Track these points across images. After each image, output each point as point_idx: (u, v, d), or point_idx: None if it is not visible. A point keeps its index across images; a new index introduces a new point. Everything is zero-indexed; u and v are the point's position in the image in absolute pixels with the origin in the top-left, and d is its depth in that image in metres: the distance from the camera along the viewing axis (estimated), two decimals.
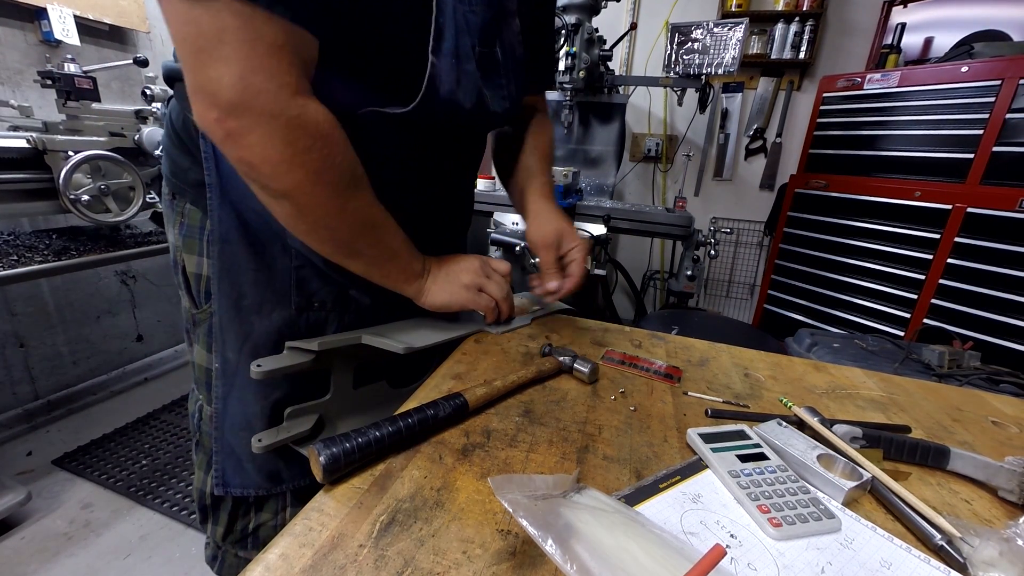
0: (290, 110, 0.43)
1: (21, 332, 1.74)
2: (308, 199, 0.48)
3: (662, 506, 0.38)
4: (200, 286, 0.63)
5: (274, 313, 0.61)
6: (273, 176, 0.45)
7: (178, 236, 0.64)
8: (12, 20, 1.63)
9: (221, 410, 0.63)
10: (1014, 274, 1.62)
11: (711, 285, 2.96)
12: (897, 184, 1.93)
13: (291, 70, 0.43)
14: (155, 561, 1.31)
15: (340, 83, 0.51)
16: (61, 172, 1.31)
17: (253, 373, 0.50)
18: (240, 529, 0.69)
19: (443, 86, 0.53)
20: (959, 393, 0.63)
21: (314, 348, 0.53)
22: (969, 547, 0.34)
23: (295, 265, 0.60)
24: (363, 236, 0.54)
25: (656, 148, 2.79)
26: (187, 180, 0.61)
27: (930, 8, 2.26)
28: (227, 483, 0.65)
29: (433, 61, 0.51)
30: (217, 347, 0.61)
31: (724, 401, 0.56)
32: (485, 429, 0.47)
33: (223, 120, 0.42)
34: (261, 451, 0.51)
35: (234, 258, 0.59)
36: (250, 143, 0.43)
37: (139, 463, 1.66)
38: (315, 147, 0.45)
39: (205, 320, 0.64)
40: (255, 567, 0.31)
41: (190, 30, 0.39)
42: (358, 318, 0.65)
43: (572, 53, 1.83)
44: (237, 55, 0.40)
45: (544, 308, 0.80)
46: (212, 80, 0.40)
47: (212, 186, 0.57)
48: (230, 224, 0.58)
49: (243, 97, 0.41)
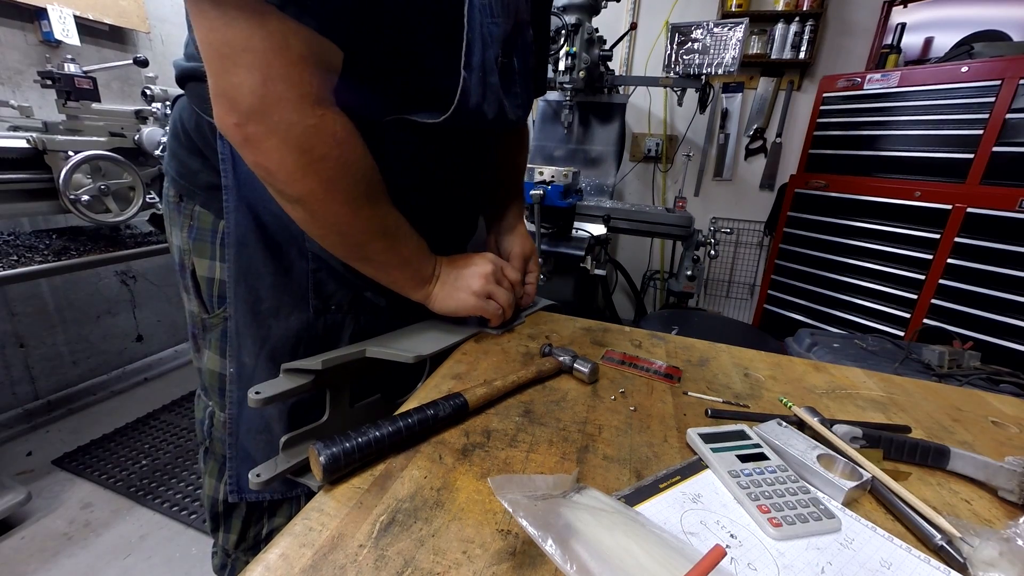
0: (308, 119, 0.44)
1: (21, 332, 1.74)
2: (321, 205, 0.49)
3: (662, 506, 0.38)
4: (213, 290, 0.62)
5: (292, 317, 0.60)
6: (288, 182, 0.46)
7: (187, 239, 0.63)
8: (12, 20, 1.63)
9: (236, 415, 0.62)
10: (1014, 274, 1.62)
11: (711, 285, 2.96)
12: (897, 184, 1.93)
13: (312, 80, 0.43)
14: (155, 561, 1.31)
15: (369, 90, 0.52)
16: (61, 172, 1.31)
17: (251, 402, 0.48)
18: (253, 536, 0.69)
19: (472, 98, 0.54)
20: (959, 393, 0.63)
21: (317, 367, 0.51)
22: (969, 547, 0.34)
23: (312, 268, 0.60)
24: (374, 243, 0.55)
25: (656, 148, 2.80)
26: (197, 183, 0.60)
27: (930, 8, 2.26)
28: (243, 489, 0.64)
29: (465, 76, 0.52)
30: (232, 352, 0.61)
31: (724, 401, 0.56)
32: (485, 429, 0.47)
33: (242, 125, 0.43)
34: (258, 487, 0.50)
35: (251, 262, 0.58)
36: (267, 149, 0.44)
37: (139, 463, 1.66)
38: (330, 156, 0.46)
39: (218, 325, 0.63)
40: (255, 567, 0.31)
41: (217, 36, 0.40)
42: (374, 319, 0.65)
43: (572, 53, 1.83)
44: (260, 63, 0.40)
45: (535, 305, 0.82)
46: (234, 86, 0.41)
47: (229, 188, 0.57)
48: (247, 227, 0.58)
49: (262, 104, 0.42)
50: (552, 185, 1.44)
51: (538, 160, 2.36)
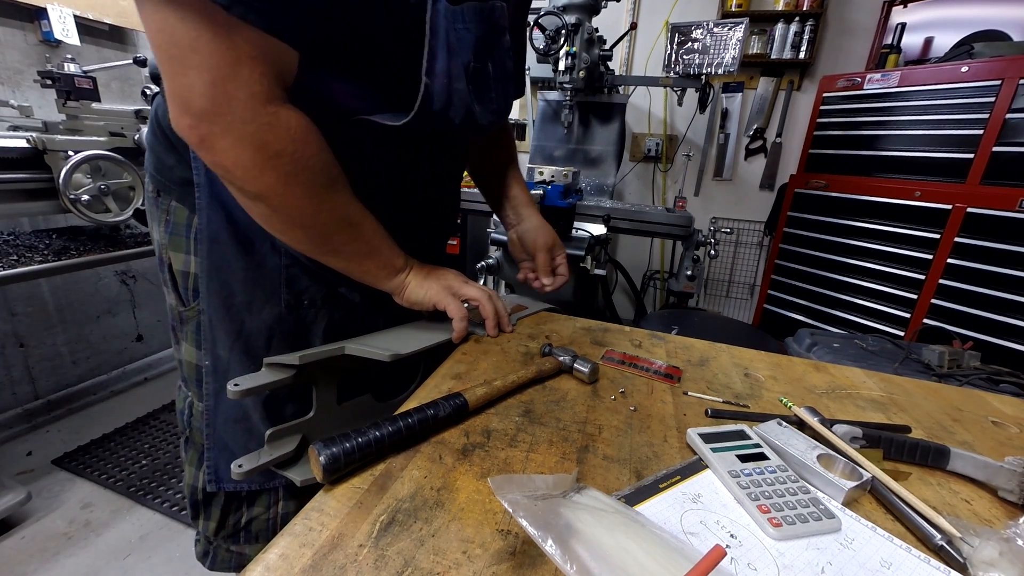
0: (260, 117, 0.44)
1: (21, 332, 1.74)
2: (281, 200, 0.49)
3: (662, 506, 0.38)
4: (188, 284, 0.63)
5: (264, 311, 0.61)
6: (246, 179, 0.47)
7: (164, 234, 0.64)
8: (12, 20, 1.63)
9: (213, 407, 0.63)
10: (1014, 274, 1.62)
11: (711, 285, 2.95)
12: (897, 184, 1.93)
13: (262, 80, 0.43)
14: (155, 561, 1.31)
15: (331, 91, 0.53)
16: (61, 172, 1.31)
17: (230, 394, 0.49)
18: (232, 524, 0.70)
19: (435, 104, 0.54)
20: (959, 393, 0.63)
21: (295, 363, 0.52)
22: (969, 547, 0.34)
23: (285, 263, 0.61)
24: (340, 233, 0.55)
25: (656, 148, 2.79)
26: (172, 178, 0.61)
27: (930, 8, 2.26)
28: (220, 478, 0.66)
29: (427, 82, 0.52)
30: (207, 345, 0.62)
31: (724, 401, 0.56)
32: (485, 429, 0.47)
33: (196, 126, 0.43)
34: (241, 477, 0.50)
35: (223, 257, 0.59)
36: (222, 148, 0.45)
37: (139, 463, 1.66)
38: (286, 151, 0.46)
39: (193, 318, 0.64)
40: (255, 567, 0.31)
41: (165, 38, 0.40)
42: (348, 315, 0.66)
43: (572, 53, 1.83)
44: (209, 63, 0.41)
45: (529, 309, 0.82)
46: (185, 87, 0.42)
47: (201, 185, 0.57)
48: (219, 223, 0.58)
49: (214, 105, 0.42)
50: (552, 185, 1.44)
51: (538, 160, 2.36)
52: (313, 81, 0.49)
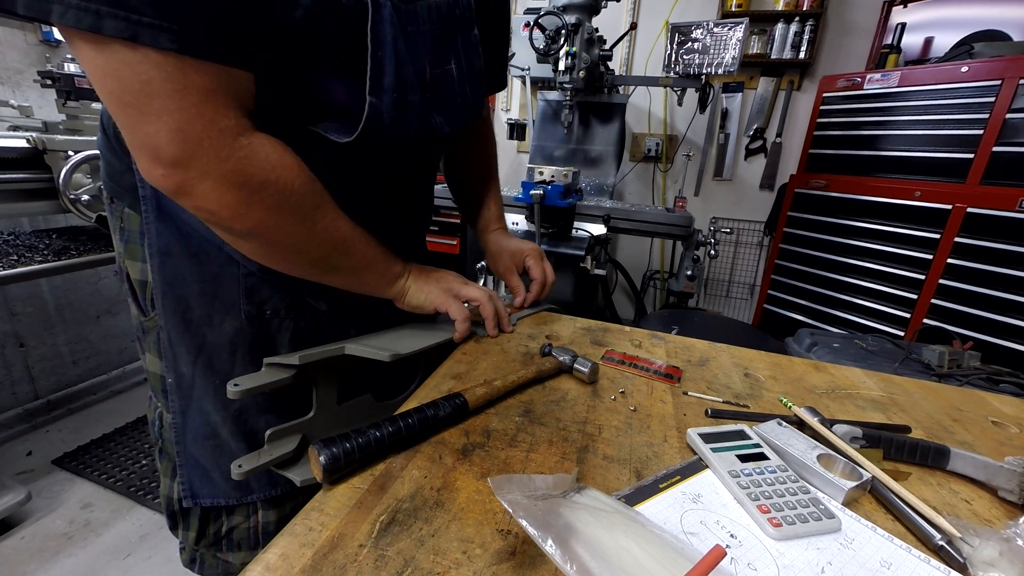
0: (237, 152, 0.42)
1: (21, 332, 1.74)
2: (274, 232, 0.47)
3: (662, 506, 0.38)
4: (147, 293, 0.60)
5: (225, 324, 0.58)
6: (234, 219, 0.45)
7: (119, 242, 0.61)
8: (12, 20, 1.63)
9: (181, 424, 0.61)
10: (1014, 274, 1.62)
11: (711, 285, 2.95)
12: (897, 184, 1.93)
13: (228, 112, 0.41)
14: (155, 561, 1.31)
15: (278, 106, 0.49)
16: (61, 172, 1.31)
17: (230, 393, 0.48)
18: (213, 533, 0.68)
19: (384, 119, 0.51)
20: (959, 393, 0.63)
21: (295, 363, 0.51)
22: (969, 547, 0.34)
23: (242, 273, 0.57)
24: (336, 251, 0.53)
25: (656, 148, 2.79)
26: (123, 183, 0.57)
27: (930, 8, 2.26)
28: (195, 494, 0.63)
29: (373, 100, 0.49)
30: (168, 363, 0.59)
31: (724, 401, 0.56)
32: (485, 429, 0.47)
33: (170, 175, 0.41)
34: (241, 477, 0.49)
35: (177, 271, 0.56)
36: (203, 192, 0.42)
37: (139, 463, 1.66)
38: (269, 182, 0.44)
39: (154, 328, 0.61)
40: (255, 567, 0.31)
41: (113, 85, 0.37)
42: (315, 324, 0.63)
43: (572, 53, 1.83)
44: (168, 107, 0.38)
45: (529, 309, 0.82)
46: (150, 136, 0.39)
47: (147, 198, 0.54)
48: (169, 236, 0.55)
49: (185, 149, 0.39)
50: (552, 185, 1.45)
51: (538, 160, 2.36)
52: (266, 97, 0.46)
